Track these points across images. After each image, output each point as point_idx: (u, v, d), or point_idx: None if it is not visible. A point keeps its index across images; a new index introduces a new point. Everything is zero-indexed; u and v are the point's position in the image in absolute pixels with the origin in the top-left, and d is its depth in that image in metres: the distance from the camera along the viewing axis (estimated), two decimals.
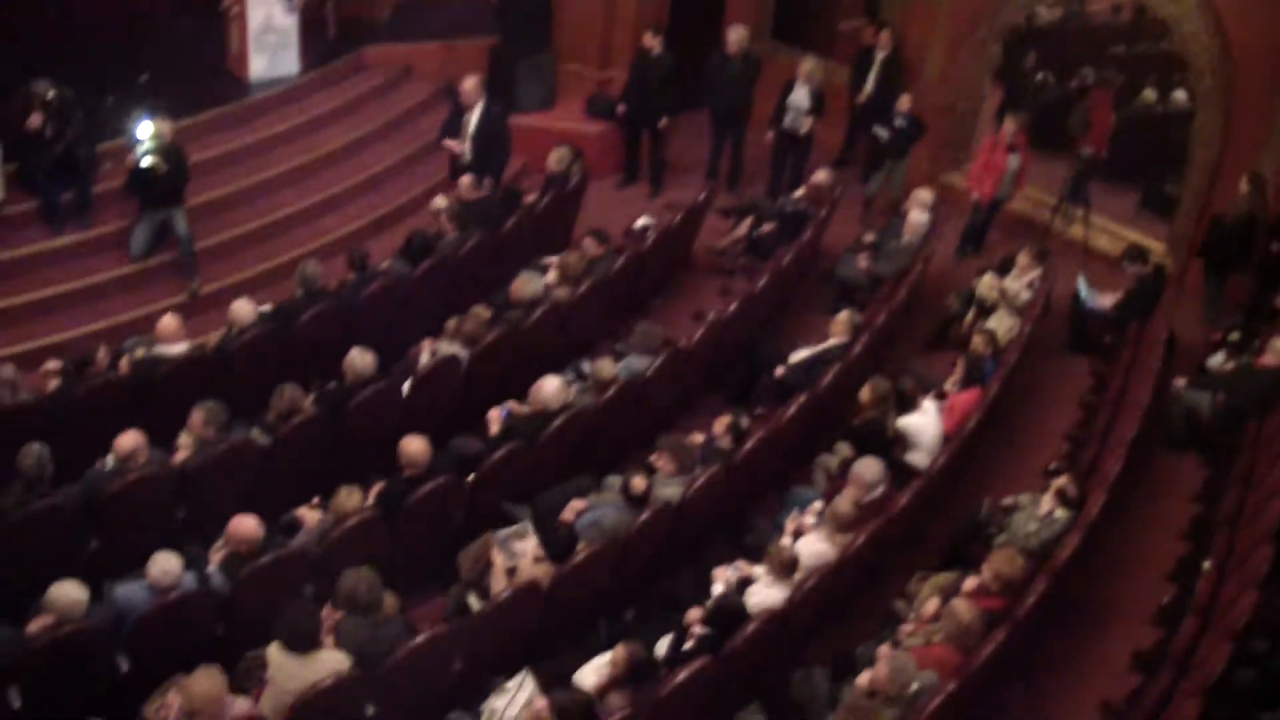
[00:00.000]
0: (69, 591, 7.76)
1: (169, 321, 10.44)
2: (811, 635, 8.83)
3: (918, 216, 12.59)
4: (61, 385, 9.86)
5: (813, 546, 8.78)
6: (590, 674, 7.91)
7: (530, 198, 12.86)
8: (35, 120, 11.92)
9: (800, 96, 14.21)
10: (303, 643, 7.41)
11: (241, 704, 7.43)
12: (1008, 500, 9.62)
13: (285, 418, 9.40)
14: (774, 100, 14.38)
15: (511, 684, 7.86)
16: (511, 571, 8.50)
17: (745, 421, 9.95)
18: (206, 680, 7.23)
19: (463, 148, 13.31)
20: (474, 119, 13.25)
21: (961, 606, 8.00)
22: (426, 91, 15.49)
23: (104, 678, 7.88)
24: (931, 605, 8.47)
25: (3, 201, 12.04)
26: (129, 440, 8.96)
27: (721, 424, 9.87)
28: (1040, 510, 9.16)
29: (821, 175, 13.24)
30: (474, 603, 8.44)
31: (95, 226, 12.43)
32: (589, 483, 9.44)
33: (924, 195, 12.78)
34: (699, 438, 9.81)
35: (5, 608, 7.99)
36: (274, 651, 7.49)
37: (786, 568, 8.49)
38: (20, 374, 9.73)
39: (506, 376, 10.42)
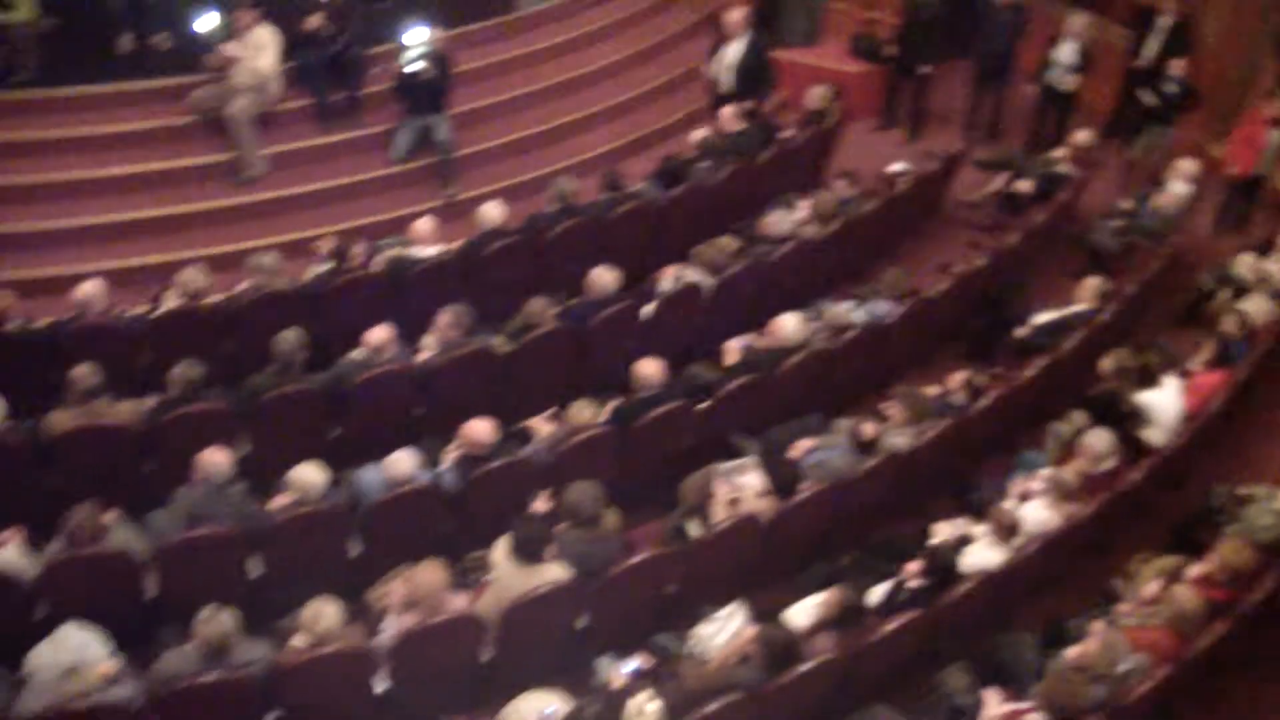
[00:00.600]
0: (309, 473, 8.11)
1: (424, 224, 10.75)
2: (1025, 601, 8.71)
3: (1179, 188, 12.17)
4: (319, 276, 10.24)
5: (1037, 513, 8.63)
6: (801, 613, 7.94)
7: (787, 133, 12.81)
8: (315, 20, 12.33)
9: (1067, 52, 13.80)
10: (530, 553, 7.59)
11: (460, 600, 7.67)
12: (1244, 490, 9.27)
13: (528, 328, 9.59)
14: (1039, 54, 14.00)
15: (722, 613, 7.92)
16: (733, 503, 8.54)
17: (982, 378, 9.81)
18: (430, 573, 7.48)
19: (722, 78, 13.30)
20: (736, 50, 13.22)
21: (1184, 593, 7.79)
22: (693, 18, 15.51)
23: (335, 559, 8.21)
24: (1152, 588, 8.24)
25: (279, 98, 12.48)
26: (379, 334, 9.28)
27: (958, 378, 9.75)
28: (1277, 504, 8.82)
29: (1082, 135, 12.86)
30: (693, 530, 8.51)
31: (362, 127, 12.81)
32: (819, 423, 9.44)
33: (1187, 166, 12.33)
34: (934, 390, 9.70)
35: (255, 483, 8.38)
36: (500, 556, 7.69)
37: (1008, 531, 8.36)
38: (282, 262, 10.11)
39: (747, 309, 10.44)
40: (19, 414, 8.73)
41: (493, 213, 10.80)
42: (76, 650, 7.13)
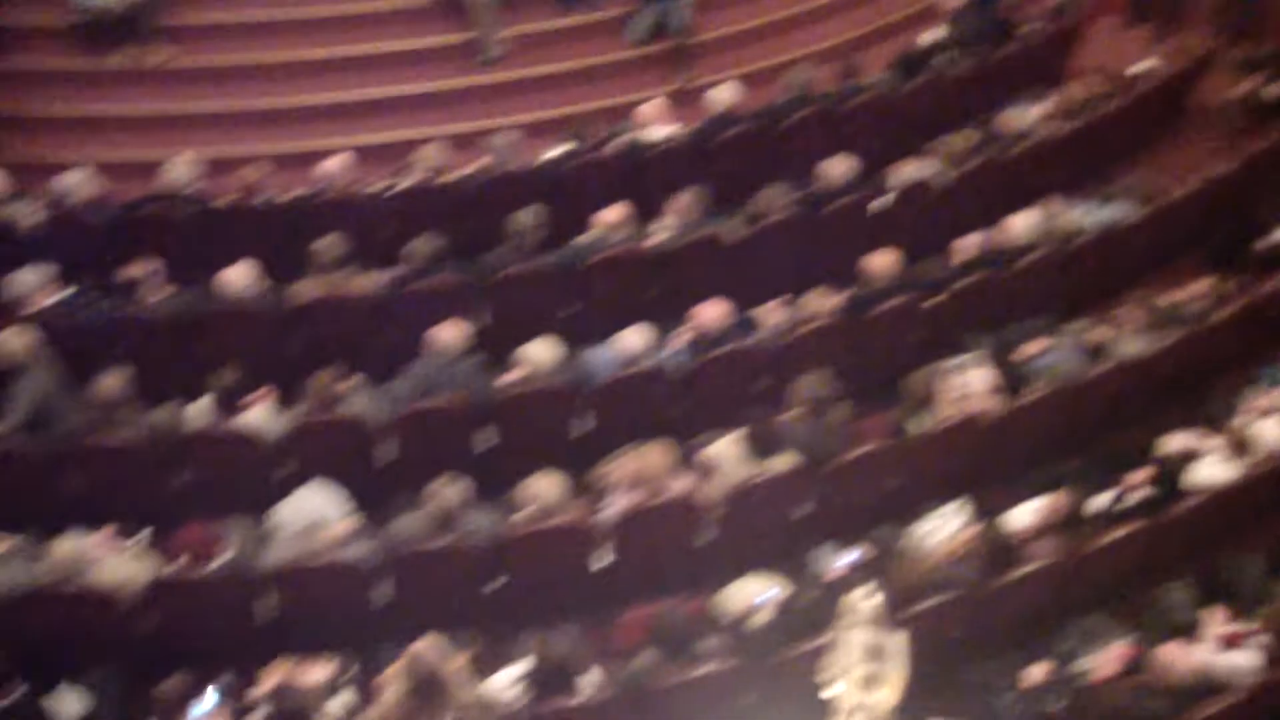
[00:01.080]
0: (540, 350, 8.27)
1: (655, 107, 10.73)
2: (1255, 522, 8.41)
3: None
4: (557, 157, 10.32)
5: (1275, 431, 8.32)
6: (1022, 515, 7.82)
7: (1029, 27, 12.40)
8: None
9: None
10: (761, 446, 7.60)
11: (684, 482, 7.74)
12: None
13: (761, 215, 9.54)
14: None
15: (942, 511, 7.86)
16: (959, 400, 8.43)
17: (1224, 288, 9.45)
18: (657, 454, 7.58)
19: None
20: None
21: None
22: None
23: (562, 435, 8.36)
24: None
25: None
26: (612, 215, 9.35)
27: (1198, 287, 9.41)
28: None
29: None
30: (917, 425, 8.44)
31: (601, 10, 12.79)
32: (1050, 324, 9.22)
33: None
34: (1173, 296, 9.38)
35: (487, 358, 8.58)
36: (727, 445, 7.73)
37: (1242, 446, 8.10)
38: (520, 142, 10.20)
39: (982, 205, 10.21)
40: (267, 282, 9.04)
41: (724, 96, 10.70)
42: (317, 509, 7.47)
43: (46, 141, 11.65)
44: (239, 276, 8.94)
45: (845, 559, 7.34)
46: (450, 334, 8.32)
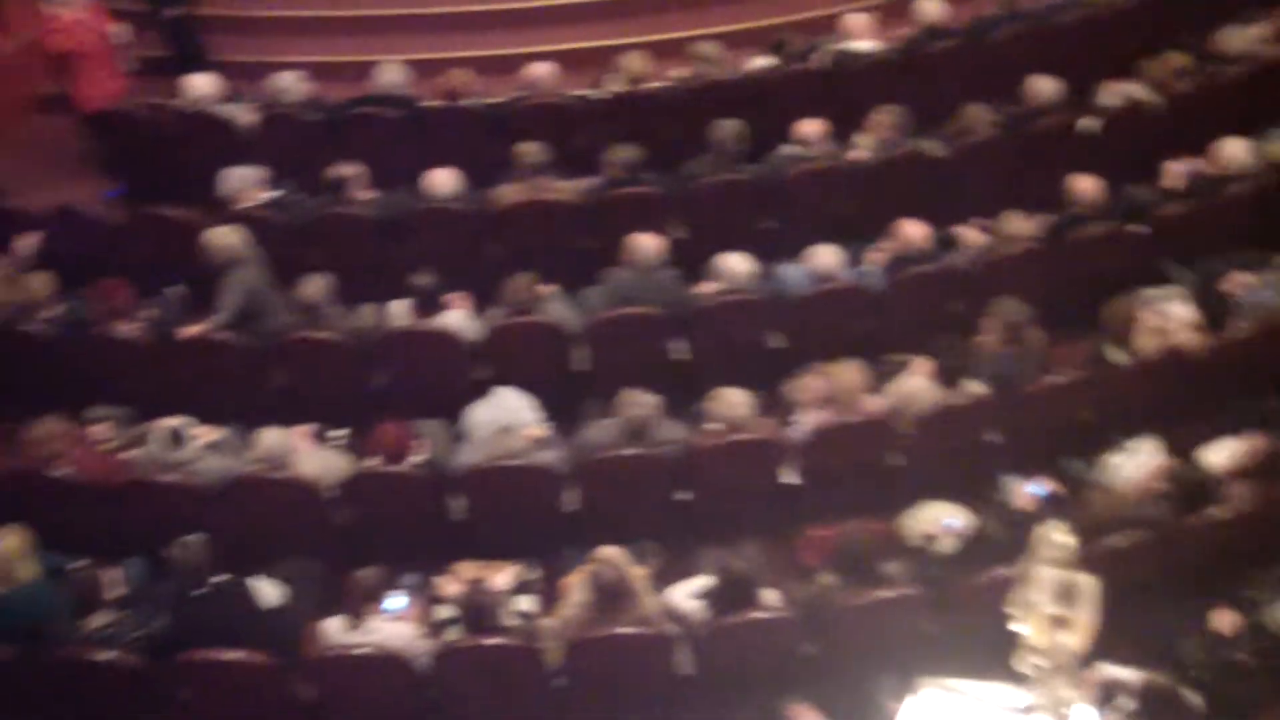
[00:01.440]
0: (737, 262, 8.25)
1: (860, 18, 10.51)
2: None
3: None
4: (759, 68, 10.20)
5: None
6: (1219, 455, 7.57)
7: None
8: None
9: None
10: (953, 370, 7.48)
11: (875, 402, 7.68)
12: None
13: (964, 133, 9.34)
14: None
15: (1136, 445, 7.65)
16: (1159, 332, 8.17)
17: None
18: (850, 372, 7.52)
19: None
20: None
21: None
22: None
23: (755, 349, 8.36)
24: None
25: None
26: (812, 128, 9.23)
27: None
28: None
29: None
30: (1114, 356, 8.22)
31: None
32: (1259, 259, 8.86)
33: None
34: None
35: (684, 269, 8.59)
36: (921, 365, 7.63)
37: None
38: (723, 52, 10.10)
39: (1194, 130, 9.81)
40: (470, 186, 9.13)
41: (931, 9, 10.44)
42: (510, 412, 7.58)
43: (260, 43, 11.98)
44: (443, 179, 9.07)
45: (1032, 488, 7.23)
46: (648, 243, 8.33)
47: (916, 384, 7.67)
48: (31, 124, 11.97)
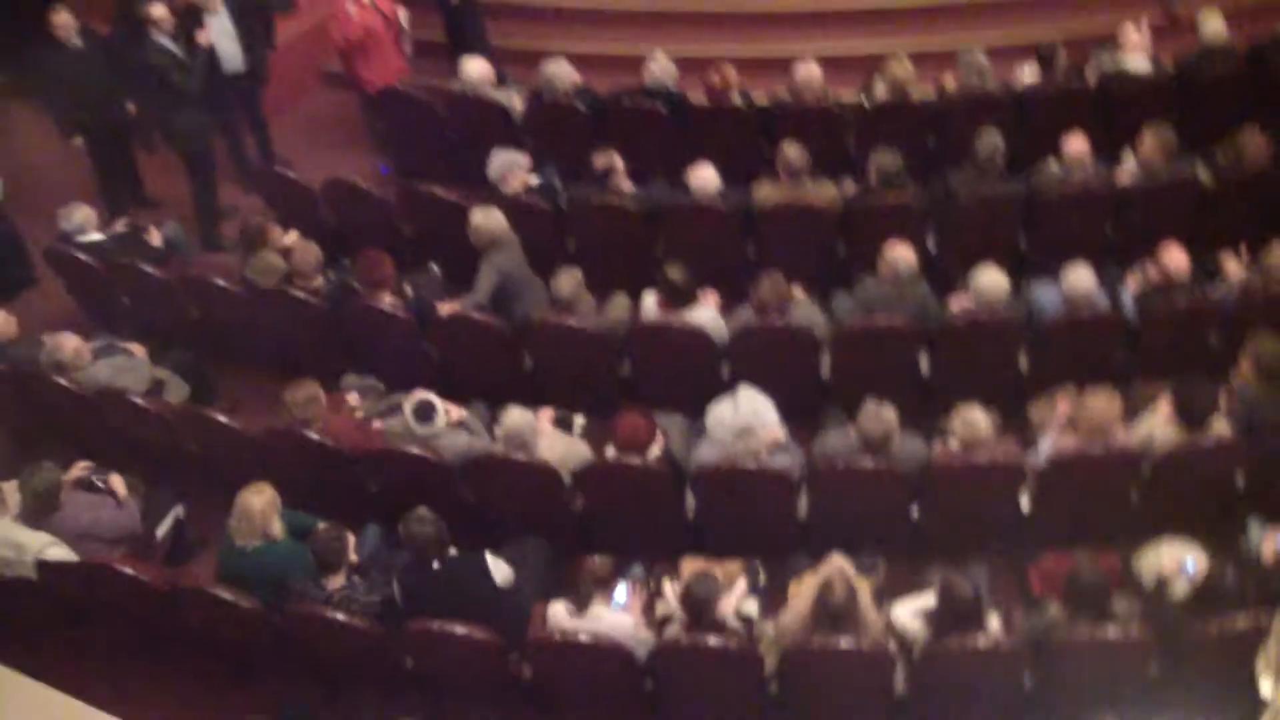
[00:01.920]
0: (992, 278, 8.01)
1: (1138, 33, 10.10)
2: None
3: None
4: (1027, 80, 9.96)
5: None
6: None
7: None
8: None
9: None
10: (1203, 406, 7.18)
11: (1121, 433, 7.38)
12: None
13: (1239, 161, 8.93)
14: None
15: None
16: None
17: None
18: (1102, 400, 7.18)
19: None
20: None
21: None
22: None
23: (1002, 368, 8.17)
24: None
25: None
26: (1079, 146, 8.94)
27: None
28: None
29: None
30: None
31: None
32: None
33: None
34: None
35: (936, 281, 8.48)
36: (1170, 399, 7.34)
37: None
38: (991, 64, 9.89)
39: None
40: (729, 183, 9.17)
41: (1215, 26, 9.97)
42: (752, 413, 7.49)
43: (535, 30, 12.24)
44: (706, 175, 9.11)
45: None
46: (902, 254, 8.21)
47: (1164, 418, 7.37)
48: (315, 99, 12.52)
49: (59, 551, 7.19)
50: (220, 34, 10.69)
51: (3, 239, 10.44)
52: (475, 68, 10.41)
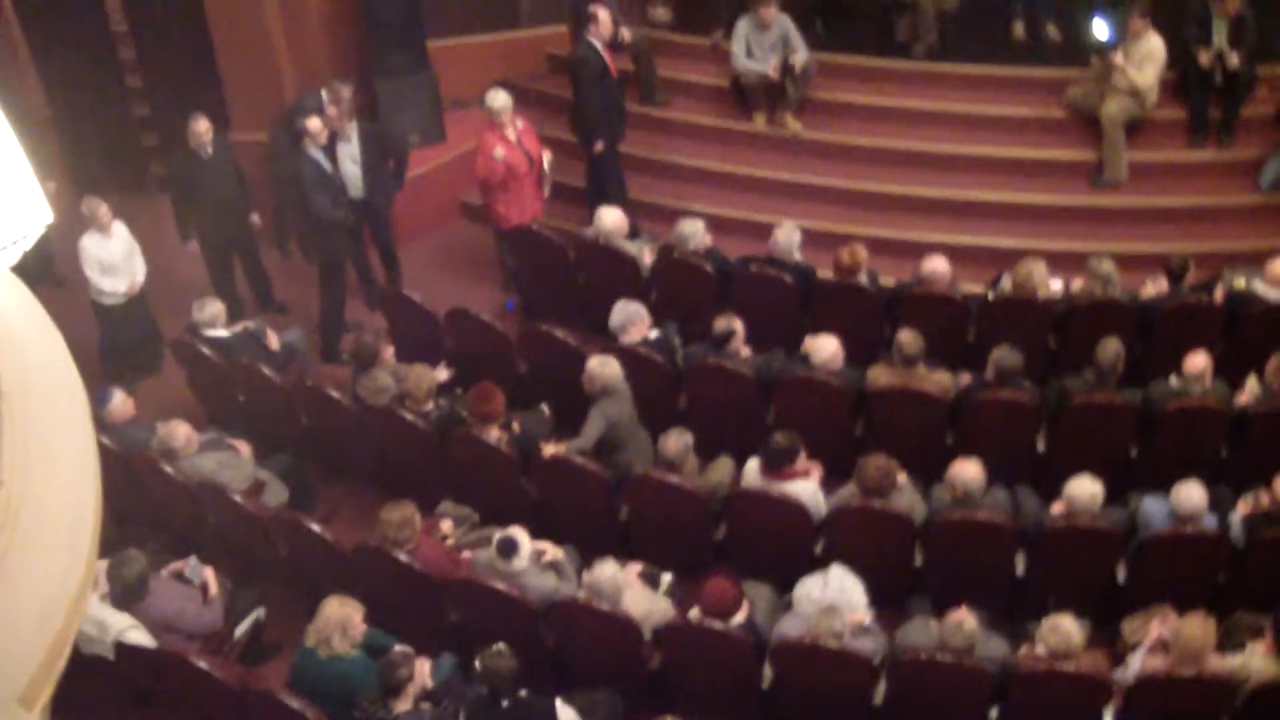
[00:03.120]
0: (1087, 489, 7.77)
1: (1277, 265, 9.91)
2: None
3: None
4: (1155, 292, 9.78)
5: None
6: None
7: None
8: (1206, 59, 11.62)
9: None
10: None
11: (1215, 661, 7.03)
12: None
13: None
14: None
15: None
16: None
17: None
18: (1198, 625, 6.90)
19: None
20: None
21: None
22: None
23: (1099, 578, 7.91)
24: None
25: (1155, 106, 11.94)
26: (1199, 362, 8.71)
27: None
28: None
29: None
30: None
31: (1232, 149, 12.02)
32: None
33: None
34: None
35: (1041, 483, 8.29)
36: (1270, 634, 7.02)
37: None
38: (1119, 272, 9.75)
39: None
40: (848, 360, 9.10)
41: None
42: (839, 591, 7.34)
43: (671, 187, 12.35)
44: (826, 347, 9.01)
45: None
46: (972, 472, 7.91)
47: (1264, 650, 7.05)
48: (451, 228, 12.73)
49: (138, 635, 7.19)
50: (347, 158, 10.93)
51: (143, 322, 10.76)
52: (610, 217, 10.48)
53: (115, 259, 10.40)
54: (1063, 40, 12.64)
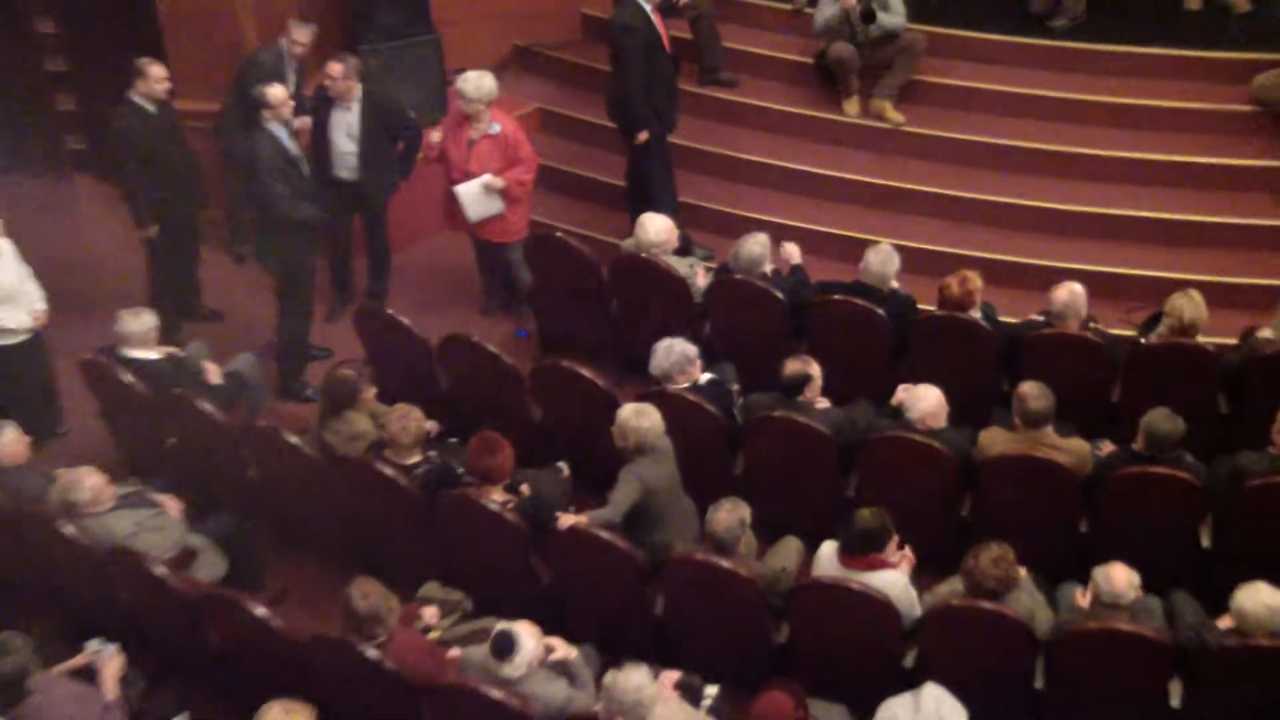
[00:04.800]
0: (1262, 602, 7.59)
1: None
2: None
3: None
4: None
5: None
6: None
7: None
8: None
9: None
10: None
11: None
12: None
13: None
14: None
15: None
16: None
17: None
18: None
19: None
20: None
21: None
22: None
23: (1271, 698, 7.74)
24: None
25: None
26: None
27: None
28: None
29: None
30: None
31: None
32: None
33: None
34: None
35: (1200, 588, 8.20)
36: None
37: None
38: None
39: None
40: (955, 418, 9.04)
41: None
42: (932, 714, 7.28)
43: (735, 190, 12.50)
44: (928, 400, 8.92)
45: None
46: (1123, 578, 7.74)
47: None
48: (451, 234, 12.67)
49: None
50: (341, 129, 10.98)
51: (39, 369, 10.54)
52: (655, 227, 10.43)
53: (10, 283, 10.19)
54: (1251, 14, 12.56)
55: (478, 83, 10.82)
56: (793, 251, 10.40)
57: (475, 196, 11.04)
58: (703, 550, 8.18)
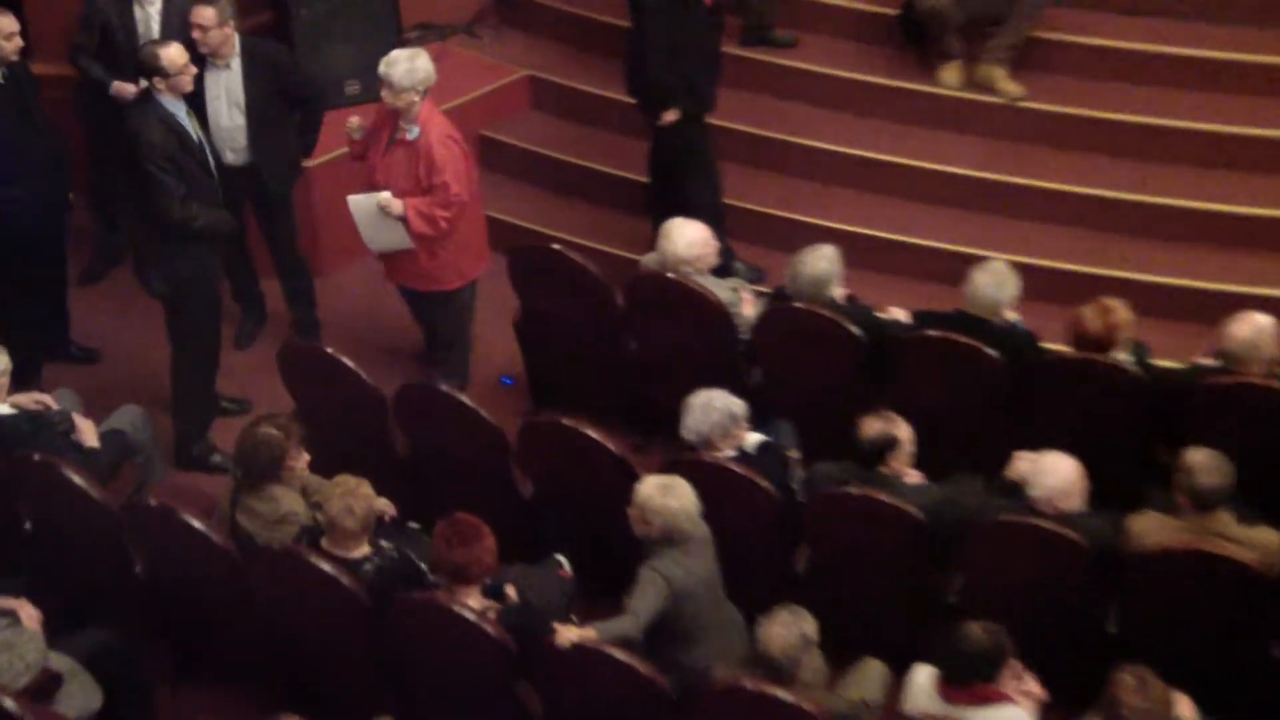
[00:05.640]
0: None
1: None
2: None
3: None
4: None
5: None
6: None
7: None
8: None
9: None
10: None
11: None
12: None
13: None
14: None
15: None
16: None
17: None
18: None
19: None
20: None
21: None
22: None
23: None
24: None
25: None
26: None
27: None
28: None
29: None
30: None
31: None
32: None
33: None
34: None
35: None
36: None
37: None
38: None
39: None
40: (1095, 498, 9.02)
41: None
42: None
43: (794, 188, 12.52)
44: (1057, 474, 8.92)
45: None
46: None
47: None
48: None
49: None
50: (221, 98, 11.08)
51: None
52: (687, 238, 10.45)
53: None
54: None
55: (409, 65, 10.57)
56: (899, 315, 10.38)
57: (369, 216, 10.86)
58: (753, 675, 8.14)
